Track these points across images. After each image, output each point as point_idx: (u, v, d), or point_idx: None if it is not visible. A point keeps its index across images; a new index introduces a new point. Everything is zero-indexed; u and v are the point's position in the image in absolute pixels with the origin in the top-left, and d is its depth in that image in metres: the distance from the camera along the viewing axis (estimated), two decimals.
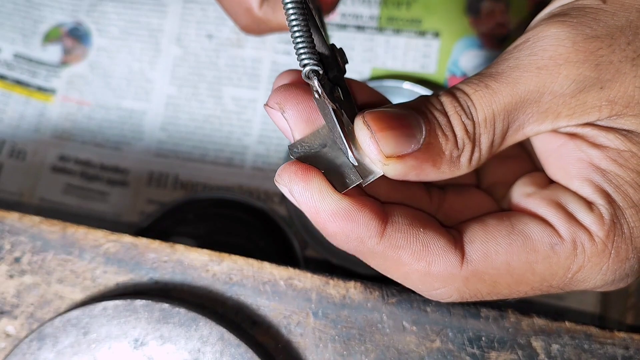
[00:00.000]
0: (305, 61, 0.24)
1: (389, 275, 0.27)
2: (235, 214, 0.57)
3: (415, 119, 0.25)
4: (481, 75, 0.27)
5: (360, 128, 0.25)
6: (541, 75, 0.25)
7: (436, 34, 0.60)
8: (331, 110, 0.25)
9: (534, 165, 0.31)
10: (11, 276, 0.38)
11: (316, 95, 0.25)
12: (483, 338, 0.34)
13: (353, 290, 0.35)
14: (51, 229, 0.38)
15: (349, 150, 0.25)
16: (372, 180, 0.26)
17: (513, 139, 0.27)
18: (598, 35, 0.26)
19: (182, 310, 0.35)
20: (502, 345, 0.34)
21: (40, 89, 0.63)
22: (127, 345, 0.35)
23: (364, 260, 0.27)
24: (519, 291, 0.27)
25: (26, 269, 0.37)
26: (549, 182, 0.29)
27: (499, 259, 0.26)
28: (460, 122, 0.26)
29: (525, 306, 0.33)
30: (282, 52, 0.62)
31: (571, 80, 0.25)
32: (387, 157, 0.25)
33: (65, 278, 0.37)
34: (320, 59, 0.24)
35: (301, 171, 0.25)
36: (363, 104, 0.29)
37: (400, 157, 0.25)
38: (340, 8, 0.62)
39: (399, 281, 0.27)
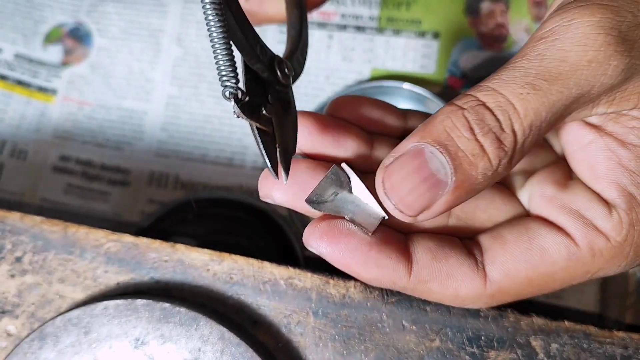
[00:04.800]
0: (225, 82, 0.23)
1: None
2: (235, 214, 0.57)
3: (438, 161, 0.24)
4: (524, 76, 0.24)
5: (382, 197, 0.26)
6: (592, 67, 0.24)
7: (436, 35, 0.60)
8: (254, 128, 0.26)
9: (555, 152, 0.31)
10: (12, 276, 0.38)
11: (234, 116, 0.25)
12: (482, 337, 0.34)
13: (353, 289, 0.35)
14: (52, 229, 0.38)
15: (269, 166, 0.26)
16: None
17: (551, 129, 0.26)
18: None
19: (183, 310, 0.35)
20: (502, 345, 0.34)
21: (41, 89, 0.63)
22: (127, 345, 0.35)
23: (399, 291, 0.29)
24: (541, 293, 0.29)
25: (27, 269, 0.38)
26: (570, 178, 0.29)
27: (520, 275, 0.27)
28: (494, 140, 0.24)
29: (524, 306, 0.33)
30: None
31: (620, 70, 0.24)
32: (416, 215, 0.25)
33: (67, 278, 0.37)
34: (251, 72, 0.25)
35: (327, 236, 0.27)
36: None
37: (429, 206, 0.25)
38: (340, 8, 0.62)
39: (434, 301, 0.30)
